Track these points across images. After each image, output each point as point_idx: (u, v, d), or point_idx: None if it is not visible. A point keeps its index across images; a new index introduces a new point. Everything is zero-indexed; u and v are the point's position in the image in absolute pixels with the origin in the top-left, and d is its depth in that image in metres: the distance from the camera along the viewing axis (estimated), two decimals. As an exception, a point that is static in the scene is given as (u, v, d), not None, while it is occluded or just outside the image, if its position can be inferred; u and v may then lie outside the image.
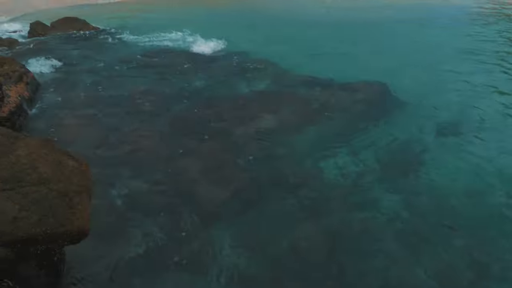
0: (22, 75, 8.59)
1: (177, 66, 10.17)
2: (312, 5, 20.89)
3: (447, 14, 18.08)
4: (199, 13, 17.50)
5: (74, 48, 11.55)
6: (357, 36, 13.93)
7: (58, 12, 16.49)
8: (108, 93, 8.40)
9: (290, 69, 10.19)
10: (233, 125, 7.12)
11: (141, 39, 12.78)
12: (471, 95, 8.82)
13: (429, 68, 10.60)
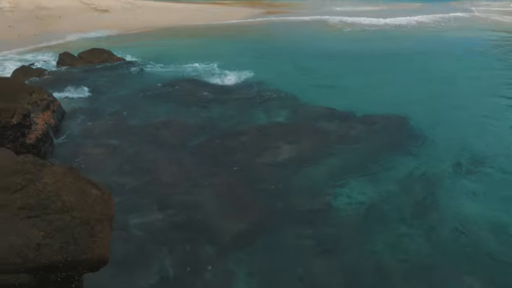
0: (49, 103, 8.91)
1: (197, 96, 10.41)
2: (329, 37, 21.33)
3: (462, 46, 18.18)
4: (220, 45, 18.02)
5: (99, 78, 11.98)
6: (374, 68, 14.09)
7: (86, 43, 17.30)
8: (130, 122, 8.61)
9: (308, 100, 10.31)
10: (251, 156, 7.17)
11: (164, 70, 13.21)
12: (490, 128, 8.73)
13: (447, 100, 10.59)
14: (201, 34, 21.64)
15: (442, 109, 9.97)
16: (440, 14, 31.16)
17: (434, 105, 10.29)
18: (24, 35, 19.40)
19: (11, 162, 3.44)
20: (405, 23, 26.95)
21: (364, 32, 22.77)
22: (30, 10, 25.71)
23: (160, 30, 22.28)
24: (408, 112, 9.44)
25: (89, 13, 27.16)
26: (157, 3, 36.37)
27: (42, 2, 28.66)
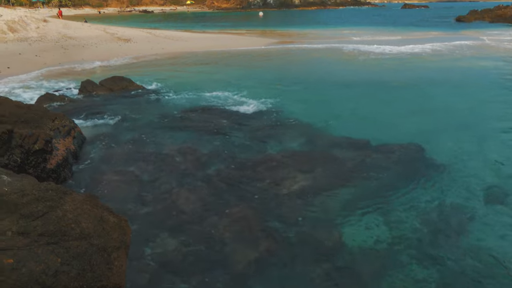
0: (70, 129, 9.16)
1: (214, 124, 10.56)
2: (344, 65, 21.55)
3: (477, 74, 18.11)
4: (237, 73, 18.35)
5: (119, 106, 12.31)
6: (390, 96, 14.10)
7: (107, 71, 17.90)
8: (147, 150, 8.77)
9: (324, 129, 10.35)
10: (266, 185, 7.16)
11: (181, 97, 13.50)
12: (509, 158, 8.55)
13: (465, 130, 10.46)
14: (217, 60, 22.15)
15: (460, 138, 9.84)
16: (453, 42, 31.55)
17: (452, 134, 10.17)
18: (50, 64, 20.22)
19: (34, 189, 3.54)
20: (419, 51, 27.14)
21: (378, 60, 22.94)
22: (56, 40, 26.87)
23: (178, 57, 22.91)
24: (426, 141, 9.36)
25: (113, 42, 28.20)
26: (174, 32, 37.60)
27: (68, 32, 29.97)
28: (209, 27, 50.25)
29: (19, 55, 21.38)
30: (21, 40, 25.55)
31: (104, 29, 34.59)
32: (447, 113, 12.12)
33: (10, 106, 8.76)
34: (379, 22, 66.15)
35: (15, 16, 31.09)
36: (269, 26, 55.81)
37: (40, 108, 9.64)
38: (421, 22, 64.31)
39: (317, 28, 50.28)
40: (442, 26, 52.95)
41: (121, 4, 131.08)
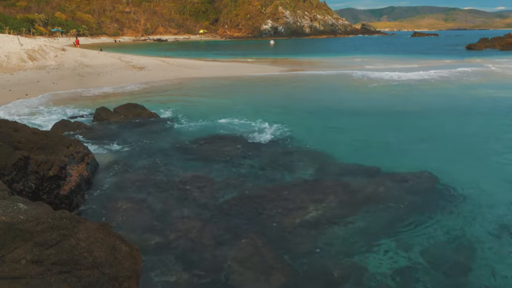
0: (84, 156, 9.30)
1: (225, 152, 10.61)
2: (354, 91, 21.69)
3: (489, 104, 17.97)
4: (248, 100, 18.57)
5: (132, 133, 12.49)
6: (401, 123, 14.06)
7: (122, 97, 18.28)
8: (159, 177, 8.82)
9: (336, 156, 10.31)
10: (278, 215, 7.11)
11: (194, 125, 13.66)
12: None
13: (479, 159, 10.31)
14: (229, 87, 22.46)
15: (475, 167, 9.70)
16: (460, 69, 32.17)
17: (464, 162, 10.04)
18: (66, 91, 20.76)
19: (49, 217, 3.59)
20: (428, 78, 27.36)
21: (389, 87, 23.07)
22: (73, 68, 27.69)
23: (190, 84, 23.32)
24: (438, 169, 9.25)
25: (127, 70, 28.94)
26: (187, 60, 38.45)
27: (84, 61, 30.89)
28: (221, 55, 51.35)
29: (38, 82, 22.04)
30: (40, 68, 26.40)
31: (119, 58, 35.58)
32: (457, 141, 12.02)
33: (27, 133, 8.97)
34: (389, 50, 66.84)
35: (35, 45, 32.25)
36: (280, 54, 56.77)
37: (56, 135, 9.84)
38: (431, 50, 64.79)
39: (328, 56, 51.00)
40: (453, 54, 53.23)
41: (136, 33, 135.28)
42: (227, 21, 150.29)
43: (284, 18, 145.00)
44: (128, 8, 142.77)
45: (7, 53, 27.32)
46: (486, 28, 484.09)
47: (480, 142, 11.85)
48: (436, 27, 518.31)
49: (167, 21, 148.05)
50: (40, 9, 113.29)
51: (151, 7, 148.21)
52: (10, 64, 25.51)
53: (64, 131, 12.29)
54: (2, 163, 7.21)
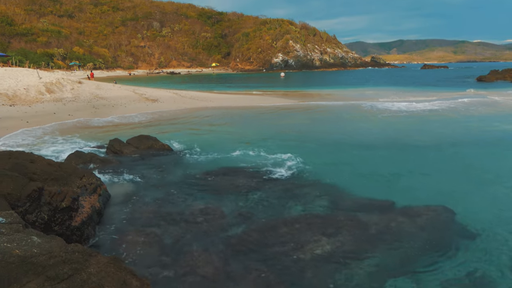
0: (96, 187, 9.38)
1: (236, 184, 10.61)
2: (364, 122, 21.70)
3: (504, 136, 17.76)
4: (259, 132, 18.68)
5: (144, 165, 12.62)
6: (413, 156, 13.93)
7: (134, 129, 18.57)
8: (170, 210, 8.82)
9: (347, 189, 10.22)
10: (289, 249, 7.00)
11: (205, 157, 13.75)
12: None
13: (495, 194, 10.08)
14: (240, 119, 22.70)
15: (488, 200, 9.49)
16: (471, 100, 32.65)
17: (479, 195, 9.83)
18: (79, 119, 21.24)
19: (62, 251, 3.60)
20: (438, 109, 27.46)
21: (398, 118, 23.08)
22: (88, 100, 28.44)
23: (202, 116, 23.65)
24: (451, 203, 9.07)
25: (141, 102, 29.59)
26: (199, 93, 39.20)
27: (99, 93, 31.75)
28: (233, 88, 52.26)
29: (54, 114, 22.62)
30: (56, 100, 27.17)
31: (133, 90, 36.48)
32: (469, 173, 11.83)
33: (42, 164, 9.14)
34: (399, 82, 67.28)
35: (53, 78, 33.36)
36: (291, 87, 57.53)
37: (70, 166, 9.99)
38: (441, 82, 65.02)
39: (338, 88, 51.51)
40: (464, 86, 53.21)
41: (150, 66, 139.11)
42: (239, 55, 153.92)
43: (295, 51, 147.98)
44: (143, 43, 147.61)
45: (26, 86, 28.27)
46: (496, 60, 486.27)
47: (492, 175, 11.64)
48: (446, 59, 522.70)
49: (180, 55, 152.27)
50: (60, 44, 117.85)
51: (165, 42, 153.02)
52: (29, 97, 26.33)
53: (78, 162, 12.47)
54: (17, 194, 7.31)
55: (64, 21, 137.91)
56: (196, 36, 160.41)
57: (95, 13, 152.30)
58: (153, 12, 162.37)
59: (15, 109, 22.74)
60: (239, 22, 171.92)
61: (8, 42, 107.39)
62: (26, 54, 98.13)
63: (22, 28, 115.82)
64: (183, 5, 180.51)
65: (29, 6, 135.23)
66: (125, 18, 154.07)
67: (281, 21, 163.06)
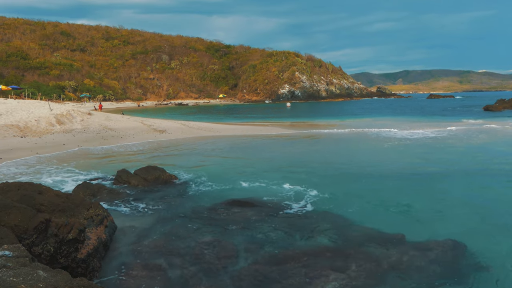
0: (103, 218, 9.35)
1: (243, 217, 10.50)
2: (370, 150, 21.62)
3: (500, 157, 17.53)
4: (269, 161, 18.65)
5: (151, 196, 12.61)
6: (423, 187, 13.73)
7: (142, 159, 18.67)
8: (176, 243, 8.71)
9: (356, 221, 10.06)
10: (298, 283, 6.84)
11: (212, 188, 13.72)
12: None
13: (506, 225, 9.83)
14: (246, 150, 22.71)
15: (503, 234, 9.24)
16: (478, 128, 33.03)
17: (495, 232, 9.54)
18: (89, 153, 21.45)
19: (67, 286, 3.56)
20: (446, 138, 27.43)
21: (404, 146, 22.98)
22: (97, 131, 28.85)
23: (210, 146, 23.76)
24: (463, 237, 8.85)
25: (149, 133, 29.92)
26: (207, 124, 39.63)
27: (108, 124, 32.24)
28: (240, 119, 52.74)
29: (63, 145, 22.92)
30: (66, 131, 27.61)
31: (142, 121, 37.01)
32: (480, 204, 11.55)
33: (50, 195, 9.18)
34: (406, 112, 67.43)
35: (63, 110, 34.05)
36: (297, 117, 57.91)
37: (77, 197, 10.01)
38: (448, 112, 65.04)
39: (345, 118, 51.70)
40: (471, 115, 53.13)
41: (158, 98, 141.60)
42: (246, 86, 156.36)
43: (301, 82, 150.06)
44: (152, 75, 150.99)
45: (37, 118, 28.85)
46: (502, 89, 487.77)
47: (503, 205, 11.40)
48: (452, 89, 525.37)
49: (188, 86, 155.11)
50: (71, 76, 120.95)
51: (173, 74, 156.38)
52: (39, 128, 26.80)
53: (86, 193, 12.51)
54: (24, 226, 7.31)
55: (76, 54, 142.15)
56: (204, 68, 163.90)
57: (106, 47, 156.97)
58: (162, 46, 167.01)
59: (26, 140, 23.11)
60: (246, 54, 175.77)
61: (22, 75, 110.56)
62: (39, 86, 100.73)
63: (36, 62, 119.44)
64: (191, 39, 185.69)
65: (43, 41, 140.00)
66: (135, 51, 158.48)
67: (287, 53, 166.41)
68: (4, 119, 27.02)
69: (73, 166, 17.64)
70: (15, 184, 9.25)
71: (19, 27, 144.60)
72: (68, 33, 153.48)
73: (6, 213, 7.44)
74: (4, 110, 30.46)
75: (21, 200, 8.41)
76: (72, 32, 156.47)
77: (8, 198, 8.37)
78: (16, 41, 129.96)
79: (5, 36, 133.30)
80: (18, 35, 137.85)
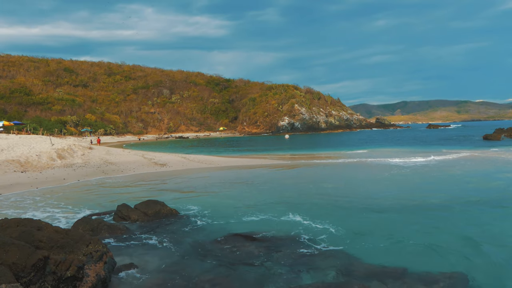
0: (103, 254, 9.22)
1: (246, 252, 10.34)
2: (371, 180, 21.51)
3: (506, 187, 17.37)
4: (270, 193, 18.55)
5: (151, 232, 12.49)
6: (425, 218, 13.56)
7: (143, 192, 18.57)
8: (177, 281, 8.53)
9: (358, 256, 9.89)
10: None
11: (213, 222, 13.58)
12: None
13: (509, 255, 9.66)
14: (246, 182, 22.58)
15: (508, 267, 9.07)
16: (475, 155, 32.99)
17: (498, 261, 9.39)
18: (89, 188, 21.39)
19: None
20: (447, 167, 27.47)
21: (405, 176, 22.89)
22: (98, 166, 28.87)
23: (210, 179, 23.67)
24: (468, 269, 8.70)
25: (150, 167, 29.93)
26: (207, 157, 39.72)
27: (109, 158, 32.31)
28: (240, 152, 52.86)
29: (63, 179, 22.89)
30: (67, 166, 27.63)
31: (143, 155, 37.11)
32: (483, 235, 11.38)
33: (49, 231, 9.10)
34: (405, 142, 67.65)
35: (65, 144, 34.24)
36: (297, 149, 58.02)
37: (77, 233, 9.92)
38: (448, 141, 65.27)
39: (344, 150, 51.79)
40: (471, 145, 53.24)
41: (159, 131, 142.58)
42: (246, 119, 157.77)
43: (300, 114, 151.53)
44: (153, 109, 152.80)
45: (38, 153, 28.96)
46: (500, 118, 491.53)
47: (508, 237, 11.22)
48: (450, 119, 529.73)
49: (189, 120, 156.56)
50: (73, 111, 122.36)
51: (174, 108, 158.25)
52: (40, 163, 26.85)
53: (85, 228, 12.37)
54: (22, 263, 7.21)
55: (78, 90, 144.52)
56: (204, 102, 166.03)
57: (108, 82, 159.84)
58: (163, 80, 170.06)
59: (26, 176, 23.10)
60: (245, 88, 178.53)
61: (24, 111, 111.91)
62: (41, 121, 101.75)
63: (39, 98, 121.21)
64: (192, 74, 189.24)
65: (47, 77, 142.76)
66: (136, 86, 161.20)
67: (286, 86, 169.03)
68: (5, 155, 27.12)
69: (72, 200, 17.53)
70: (14, 221, 9.20)
71: (23, 64, 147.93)
72: (71, 70, 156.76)
73: (4, 250, 7.37)
74: (6, 146, 30.63)
75: (20, 236, 8.34)
76: (75, 69, 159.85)
77: (7, 234, 8.30)
78: (20, 78, 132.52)
79: (9, 73, 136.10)
80: (22, 72, 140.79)
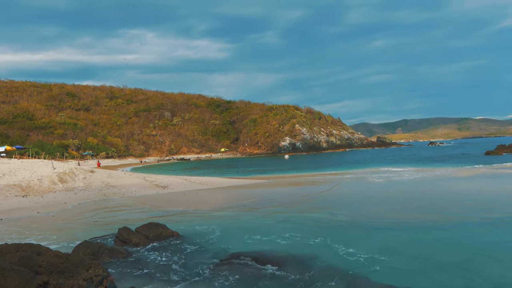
0: (103, 279, 9.11)
1: (249, 275, 10.20)
2: (372, 196, 21.30)
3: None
4: (275, 215, 18.40)
5: (152, 255, 12.36)
6: (428, 237, 13.37)
7: (144, 215, 18.45)
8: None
9: (363, 276, 9.75)
10: None
11: (214, 245, 13.44)
12: None
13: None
14: (250, 200, 22.44)
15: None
16: (479, 171, 32.17)
17: (505, 281, 9.23)
18: (90, 211, 21.27)
19: None
20: (450, 184, 27.24)
21: (408, 193, 22.68)
22: (99, 189, 28.81)
23: (211, 201, 23.55)
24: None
25: (151, 189, 29.84)
26: (208, 178, 39.66)
27: (111, 181, 32.26)
28: (241, 173, 52.69)
29: (64, 203, 22.80)
30: (68, 190, 27.57)
31: (144, 178, 37.06)
32: (487, 254, 11.15)
33: (49, 256, 9.01)
34: (407, 160, 67.51)
35: (66, 168, 34.26)
36: (298, 169, 57.83)
37: (77, 257, 9.82)
38: (451, 159, 65.07)
39: (346, 169, 51.64)
40: (474, 161, 53.06)
41: (161, 153, 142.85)
42: (247, 140, 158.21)
43: (301, 134, 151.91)
44: (154, 131, 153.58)
45: (40, 177, 28.96)
46: (501, 135, 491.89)
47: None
48: (451, 136, 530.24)
49: (190, 142, 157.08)
50: (75, 135, 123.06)
51: (175, 130, 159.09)
52: (42, 187, 26.81)
53: (86, 252, 12.24)
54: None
55: (81, 114, 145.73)
56: (205, 124, 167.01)
57: (110, 106, 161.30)
58: (164, 103, 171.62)
59: (27, 200, 23.03)
60: (246, 109, 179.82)
61: (27, 135, 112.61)
62: (43, 146, 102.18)
63: (41, 122, 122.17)
64: (193, 96, 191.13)
65: (49, 102, 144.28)
66: (138, 109, 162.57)
67: (287, 106, 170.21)
68: (7, 179, 27.11)
69: (73, 224, 17.42)
70: (14, 246, 9.13)
71: (26, 89, 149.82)
72: (73, 94, 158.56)
73: (3, 276, 7.29)
74: (7, 170, 30.65)
75: (19, 262, 8.26)
76: (77, 93, 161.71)
77: (6, 260, 8.23)
78: (23, 103, 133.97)
79: (12, 98, 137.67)
80: (25, 97, 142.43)
